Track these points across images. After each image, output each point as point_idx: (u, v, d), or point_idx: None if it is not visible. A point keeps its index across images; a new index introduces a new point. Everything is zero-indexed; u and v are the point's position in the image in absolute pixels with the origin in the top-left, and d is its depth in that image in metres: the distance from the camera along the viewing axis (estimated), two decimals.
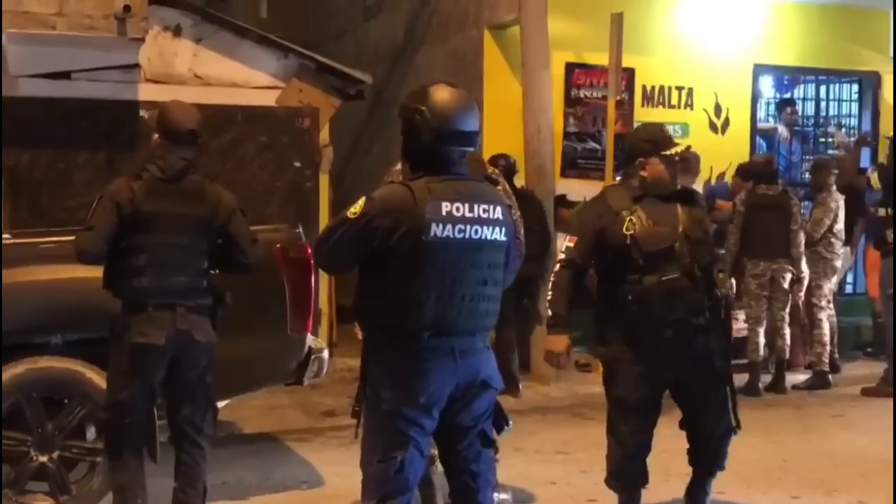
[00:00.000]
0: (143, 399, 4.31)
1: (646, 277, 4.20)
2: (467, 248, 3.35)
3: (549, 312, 4.46)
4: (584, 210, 4.61)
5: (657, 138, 4.40)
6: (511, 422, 3.64)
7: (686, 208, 4.34)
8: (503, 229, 3.44)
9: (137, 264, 4.23)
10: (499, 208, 3.44)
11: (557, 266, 4.45)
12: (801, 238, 7.99)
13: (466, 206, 3.36)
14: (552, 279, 4.46)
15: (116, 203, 4.23)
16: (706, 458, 4.56)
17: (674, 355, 4.31)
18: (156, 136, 4.45)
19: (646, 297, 4.20)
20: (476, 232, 3.36)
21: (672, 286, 4.19)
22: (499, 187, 4.93)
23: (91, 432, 4.77)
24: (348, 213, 3.40)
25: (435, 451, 4.91)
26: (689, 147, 4.61)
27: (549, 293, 4.44)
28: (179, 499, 4.41)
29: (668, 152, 4.32)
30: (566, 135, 9.23)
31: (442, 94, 3.43)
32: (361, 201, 3.40)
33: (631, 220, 4.23)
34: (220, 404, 5.65)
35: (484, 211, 3.39)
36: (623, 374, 4.36)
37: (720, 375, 4.46)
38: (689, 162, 8.66)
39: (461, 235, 3.33)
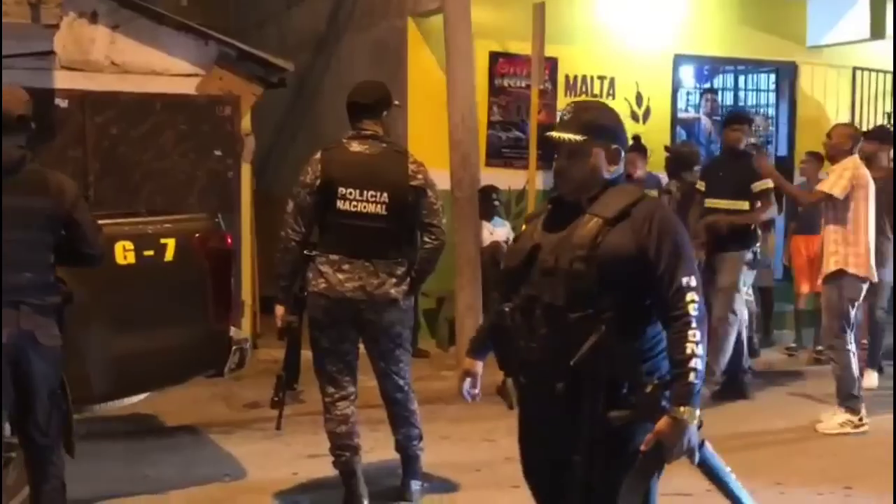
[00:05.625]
0: None
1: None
2: None
3: None
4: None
5: None
6: None
7: (596, 220, 2.99)
8: None
9: None
10: None
11: None
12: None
13: None
14: None
15: None
16: None
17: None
18: None
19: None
20: None
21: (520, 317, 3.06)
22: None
23: (7, 428, 4.64)
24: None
25: (360, 441, 4.93)
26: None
27: None
28: (35, 497, 4.23)
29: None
30: (490, 124, 9.25)
31: None
32: None
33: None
34: (141, 397, 5.59)
35: None
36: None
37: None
38: None
39: None
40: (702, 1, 10.01)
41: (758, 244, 7.51)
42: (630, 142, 8.82)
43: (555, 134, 3.08)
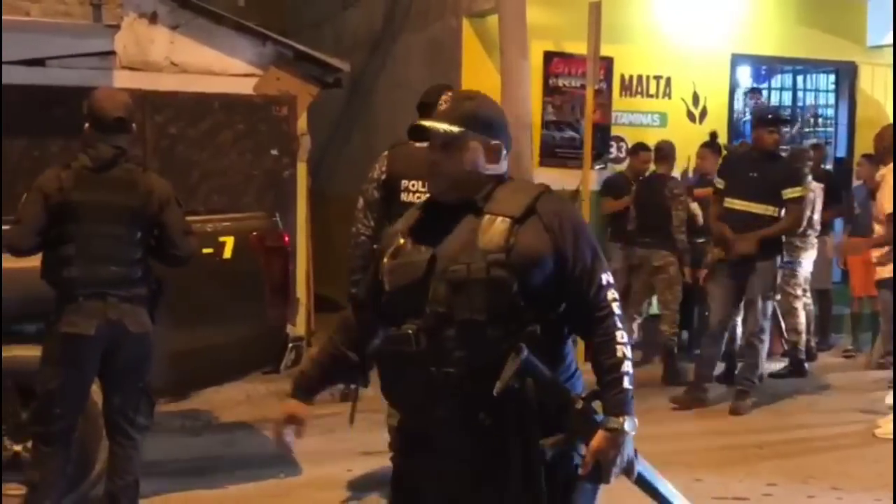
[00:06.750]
0: (73, 390, 4.24)
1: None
2: None
3: None
4: None
5: None
6: None
7: (503, 219, 2.61)
8: None
9: (66, 254, 4.19)
10: None
11: None
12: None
13: None
14: None
15: (44, 194, 4.19)
16: None
17: None
18: (87, 124, 4.35)
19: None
20: None
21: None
22: None
23: None
24: None
25: None
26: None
27: None
28: (109, 489, 4.37)
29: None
30: (544, 124, 9.22)
31: None
32: None
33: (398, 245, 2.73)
34: (198, 393, 5.67)
35: None
36: None
37: None
38: (662, 151, 8.68)
39: None
40: (759, 0, 9.90)
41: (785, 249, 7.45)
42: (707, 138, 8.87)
43: (427, 122, 2.68)
